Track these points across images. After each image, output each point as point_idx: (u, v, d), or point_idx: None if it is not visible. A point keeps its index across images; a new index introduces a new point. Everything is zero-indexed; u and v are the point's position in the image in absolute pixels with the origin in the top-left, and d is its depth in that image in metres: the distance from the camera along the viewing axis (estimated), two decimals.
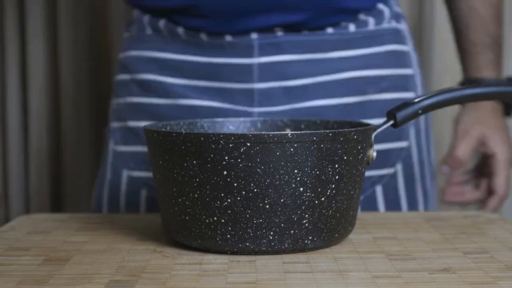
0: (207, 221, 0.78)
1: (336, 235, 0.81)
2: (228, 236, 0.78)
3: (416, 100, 0.87)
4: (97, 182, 1.15)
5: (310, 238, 0.79)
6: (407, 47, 1.11)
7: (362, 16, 1.07)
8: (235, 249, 0.79)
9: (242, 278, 0.71)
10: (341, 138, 0.78)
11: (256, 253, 0.79)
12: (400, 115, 0.86)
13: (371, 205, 1.06)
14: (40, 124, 1.64)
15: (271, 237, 0.78)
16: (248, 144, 0.75)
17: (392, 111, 0.86)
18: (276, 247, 0.78)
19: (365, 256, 0.79)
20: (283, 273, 0.73)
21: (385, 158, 1.07)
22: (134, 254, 0.80)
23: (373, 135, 0.84)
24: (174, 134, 0.78)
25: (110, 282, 0.70)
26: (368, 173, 1.05)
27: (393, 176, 1.07)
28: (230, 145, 0.76)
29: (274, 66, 1.04)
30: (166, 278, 0.71)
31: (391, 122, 0.86)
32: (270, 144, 0.75)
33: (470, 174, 1.17)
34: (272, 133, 0.75)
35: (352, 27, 1.06)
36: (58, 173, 1.67)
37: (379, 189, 1.07)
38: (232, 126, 0.95)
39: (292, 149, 0.76)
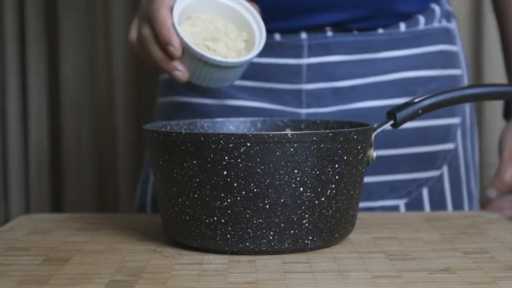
0: (207, 221, 0.78)
1: (336, 235, 0.81)
2: (228, 236, 0.78)
3: (416, 100, 0.87)
4: (140, 182, 1.15)
5: (310, 238, 0.79)
6: (457, 47, 1.09)
7: (412, 15, 1.06)
8: (235, 249, 0.79)
9: (242, 278, 0.71)
10: (341, 138, 0.78)
11: (256, 253, 0.79)
12: (400, 115, 0.86)
13: (417, 207, 1.06)
14: (40, 124, 1.64)
15: (271, 237, 0.78)
16: (248, 144, 0.75)
17: (392, 111, 0.86)
18: (276, 247, 0.78)
19: (365, 256, 0.79)
20: (283, 273, 0.73)
21: (432, 160, 1.06)
22: (134, 254, 0.80)
23: (373, 135, 0.84)
24: (174, 134, 0.78)
25: (110, 282, 0.70)
26: (414, 175, 1.05)
27: (440, 178, 1.07)
28: (230, 145, 0.76)
29: (323, 67, 1.03)
30: (166, 278, 0.71)
31: (391, 122, 0.86)
32: (270, 144, 0.75)
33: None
34: (272, 133, 0.75)
35: (402, 27, 1.04)
36: (58, 173, 1.67)
37: (425, 191, 1.06)
38: (232, 126, 0.95)
39: (292, 149, 0.76)
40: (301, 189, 0.77)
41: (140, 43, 0.91)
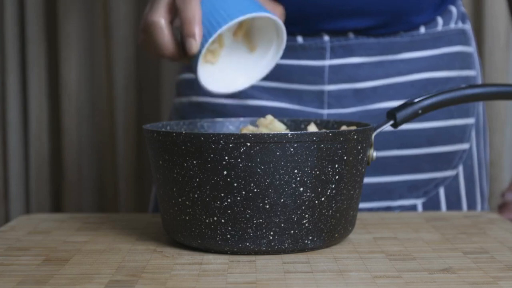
0: (207, 221, 0.78)
1: (336, 235, 0.81)
2: (228, 236, 0.78)
3: (416, 100, 0.87)
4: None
5: (310, 238, 0.79)
6: (471, 48, 1.11)
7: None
8: (235, 249, 0.79)
9: (242, 278, 0.71)
10: (341, 138, 0.78)
11: (256, 253, 0.79)
12: (400, 115, 0.86)
13: (434, 206, 1.07)
14: (40, 124, 1.64)
15: (271, 237, 0.78)
16: (248, 144, 0.75)
17: (392, 111, 0.86)
18: (276, 247, 0.78)
19: (365, 256, 0.79)
20: (283, 273, 0.73)
21: (449, 160, 1.07)
22: (134, 254, 0.80)
23: (373, 135, 0.84)
24: (174, 134, 0.78)
25: (110, 282, 0.70)
26: (432, 175, 1.06)
27: (455, 177, 1.08)
28: (230, 145, 0.76)
29: (345, 68, 1.04)
30: (166, 278, 0.71)
31: (391, 122, 0.86)
32: (270, 144, 0.75)
33: None
34: (272, 133, 0.75)
35: (422, 29, 1.06)
36: (58, 173, 1.67)
37: (441, 191, 1.07)
38: (232, 126, 0.95)
39: (292, 149, 0.76)
40: (301, 189, 0.77)
41: (148, 29, 0.90)
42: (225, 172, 0.76)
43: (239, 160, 0.76)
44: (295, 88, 1.05)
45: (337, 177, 0.79)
